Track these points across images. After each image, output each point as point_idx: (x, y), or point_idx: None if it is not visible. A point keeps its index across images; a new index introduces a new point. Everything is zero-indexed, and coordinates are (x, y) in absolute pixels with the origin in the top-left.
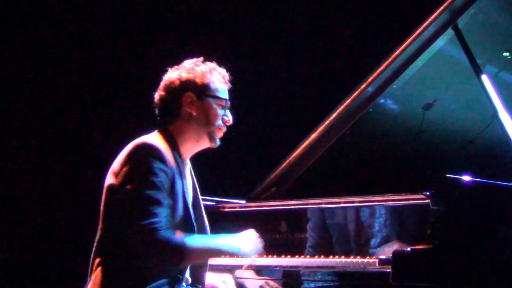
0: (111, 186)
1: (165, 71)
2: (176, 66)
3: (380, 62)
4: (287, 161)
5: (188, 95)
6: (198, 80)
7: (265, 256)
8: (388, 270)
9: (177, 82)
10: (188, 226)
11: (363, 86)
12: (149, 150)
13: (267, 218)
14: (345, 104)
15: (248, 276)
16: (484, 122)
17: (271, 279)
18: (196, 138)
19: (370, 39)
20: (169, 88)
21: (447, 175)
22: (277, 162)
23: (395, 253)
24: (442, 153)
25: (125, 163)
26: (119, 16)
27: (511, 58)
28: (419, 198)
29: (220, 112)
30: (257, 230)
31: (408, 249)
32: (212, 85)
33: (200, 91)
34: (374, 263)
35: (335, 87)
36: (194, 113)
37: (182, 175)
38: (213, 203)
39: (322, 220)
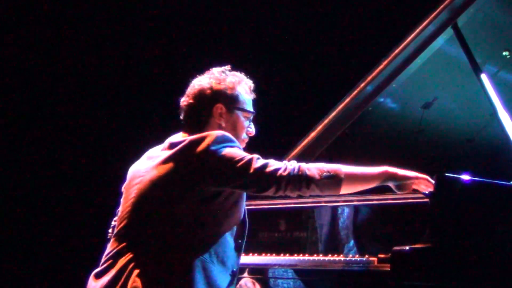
0: (170, 174)
1: (193, 77)
2: (206, 73)
3: (379, 61)
4: (286, 159)
5: (219, 106)
6: (228, 92)
7: (263, 254)
8: (387, 269)
9: (209, 91)
10: (244, 220)
11: (362, 85)
12: (223, 139)
13: (265, 217)
14: (344, 103)
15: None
16: (483, 121)
17: (269, 278)
18: None
19: (370, 38)
20: (200, 97)
21: (446, 174)
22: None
23: (394, 252)
24: (441, 152)
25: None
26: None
27: (511, 57)
28: (418, 197)
29: (246, 124)
30: (256, 229)
31: (407, 248)
32: (241, 97)
33: (230, 103)
34: (373, 261)
35: (334, 86)
36: (223, 125)
37: None
38: None
39: (321, 219)
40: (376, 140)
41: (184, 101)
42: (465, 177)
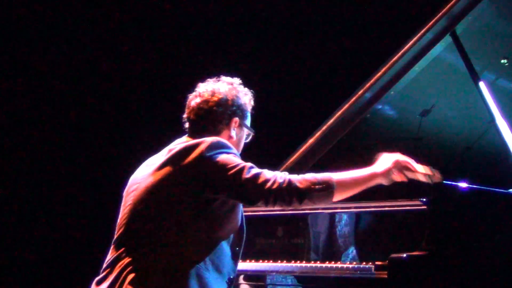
0: (167, 178)
1: (196, 82)
2: (221, 81)
3: (378, 68)
4: (284, 166)
5: (236, 120)
6: (244, 108)
7: (261, 261)
8: (384, 276)
9: (230, 103)
10: (241, 227)
11: (360, 92)
12: (219, 145)
13: (262, 223)
14: (342, 110)
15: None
16: (481, 128)
17: (267, 285)
18: None
19: (368, 45)
20: (223, 105)
21: (444, 181)
22: (274, 168)
23: (391, 259)
24: (439, 159)
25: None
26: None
27: (509, 64)
28: (415, 205)
29: (245, 141)
30: (253, 236)
31: (404, 255)
32: (248, 115)
33: (243, 118)
34: (370, 268)
35: (332, 93)
36: (234, 138)
37: None
38: None
39: (319, 226)
40: (374, 147)
41: (201, 103)
42: (463, 184)
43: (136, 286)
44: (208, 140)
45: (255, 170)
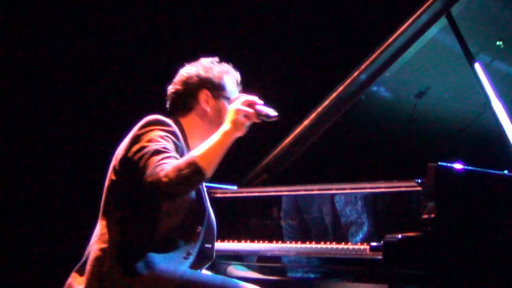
0: (119, 163)
1: (181, 66)
2: (193, 63)
3: (373, 49)
4: (279, 147)
5: (205, 92)
6: (215, 80)
7: (256, 241)
8: (379, 257)
9: (195, 78)
10: (200, 208)
11: (356, 73)
12: (153, 122)
13: (258, 204)
14: (337, 91)
15: (237, 274)
16: (476, 110)
17: (261, 264)
18: (206, 134)
19: (364, 27)
20: (187, 83)
21: (439, 163)
22: (269, 149)
23: (386, 240)
24: (434, 141)
25: (134, 134)
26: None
27: (505, 47)
28: (410, 186)
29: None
30: (249, 216)
31: (399, 236)
32: (227, 87)
33: (216, 91)
34: (365, 249)
35: (328, 74)
36: (209, 111)
37: None
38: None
39: (314, 207)
40: (369, 129)
41: (171, 88)
42: (458, 166)
43: (94, 263)
44: (148, 117)
45: (158, 157)
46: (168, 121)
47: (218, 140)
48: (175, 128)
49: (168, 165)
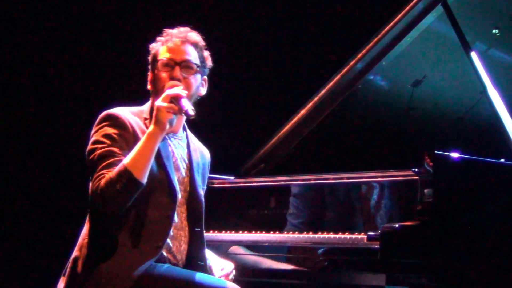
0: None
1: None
2: None
3: (369, 38)
4: (276, 137)
5: (149, 73)
6: (152, 55)
7: (253, 232)
8: (376, 247)
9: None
10: (168, 187)
11: (352, 62)
12: (103, 119)
13: (255, 194)
14: (334, 81)
15: (238, 252)
16: (473, 99)
17: (259, 255)
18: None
19: (359, 15)
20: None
21: (436, 151)
22: (266, 138)
23: (384, 230)
24: (431, 130)
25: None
26: None
27: (500, 35)
28: (407, 175)
29: (163, 74)
30: (246, 207)
31: (397, 225)
32: (159, 54)
33: (153, 64)
34: (362, 239)
35: (324, 63)
36: (151, 88)
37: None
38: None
39: (311, 196)
40: (366, 118)
41: None
42: (455, 154)
43: (71, 264)
44: (101, 114)
45: (100, 166)
46: (119, 112)
47: (145, 144)
48: (125, 119)
49: (104, 179)
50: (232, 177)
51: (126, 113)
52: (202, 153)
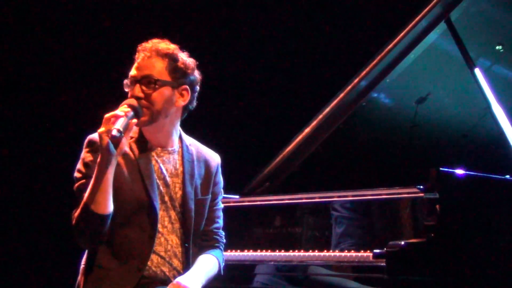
0: None
1: None
2: None
3: (373, 56)
4: (281, 155)
5: None
6: None
7: (259, 250)
8: (382, 264)
9: None
10: (149, 207)
11: (356, 80)
12: (86, 145)
13: (260, 213)
14: (338, 99)
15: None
16: (477, 115)
17: (265, 274)
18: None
19: (363, 33)
20: None
21: (440, 168)
22: (271, 157)
23: (389, 247)
24: (435, 147)
25: None
26: None
27: (504, 51)
28: (412, 192)
29: (130, 93)
30: (251, 225)
31: (402, 243)
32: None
33: None
34: (368, 257)
35: (328, 82)
36: None
37: (140, 162)
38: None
39: (316, 215)
40: (371, 135)
41: None
42: (460, 171)
43: (77, 280)
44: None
45: (79, 194)
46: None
47: (97, 175)
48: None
49: (73, 217)
50: (237, 196)
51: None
52: (206, 161)
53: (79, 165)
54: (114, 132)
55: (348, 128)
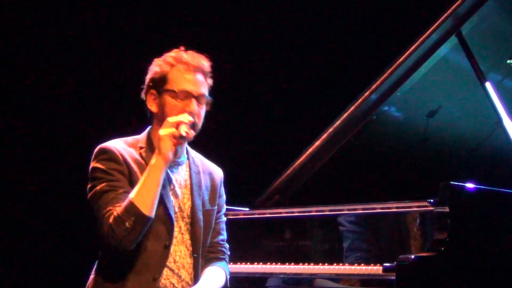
0: None
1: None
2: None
3: (383, 69)
4: (291, 168)
5: (151, 92)
6: (157, 76)
7: (269, 263)
8: (392, 278)
9: (146, 81)
10: (165, 217)
11: (366, 93)
12: (97, 154)
13: (270, 225)
14: (349, 112)
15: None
16: (488, 129)
17: (274, 286)
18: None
19: (374, 46)
20: (142, 90)
21: (451, 182)
22: (281, 170)
23: (399, 261)
24: (446, 161)
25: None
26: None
27: None
28: (423, 206)
29: (178, 104)
30: (261, 238)
31: (412, 256)
32: (171, 78)
33: (159, 86)
34: (378, 270)
35: (339, 95)
36: (154, 110)
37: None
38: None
39: (325, 228)
40: (381, 148)
41: None
42: (470, 185)
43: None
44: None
45: (105, 202)
46: (111, 145)
47: (150, 177)
48: (117, 151)
49: (112, 217)
50: (247, 209)
51: (118, 145)
52: (211, 173)
53: (94, 174)
54: (184, 133)
55: (359, 141)
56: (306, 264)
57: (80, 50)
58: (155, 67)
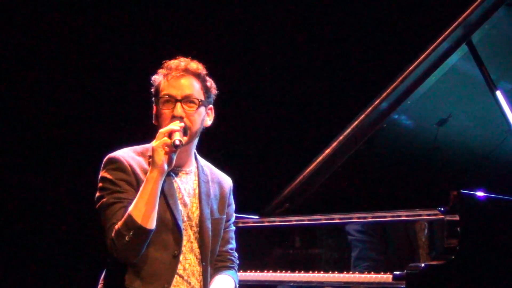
0: None
1: None
2: None
3: (394, 77)
4: (301, 176)
5: (154, 107)
6: (153, 88)
7: (278, 271)
8: (402, 286)
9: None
10: (173, 227)
11: (377, 101)
12: (105, 163)
13: (280, 233)
14: (359, 120)
15: None
16: (499, 138)
17: None
18: None
19: (384, 55)
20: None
21: (461, 191)
22: (291, 178)
23: (409, 269)
24: (456, 169)
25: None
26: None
27: None
28: (433, 214)
29: (166, 110)
30: (270, 246)
31: (422, 265)
32: (160, 88)
33: (155, 97)
34: (388, 278)
35: (349, 103)
36: (154, 123)
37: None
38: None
39: (335, 236)
40: (391, 157)
41: None
42: (481, 193)
43: None
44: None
45: (109, 215)
46: (119, 155)
47: (147, 189)
48: (125, 161)
49: (114, 231)
50: (256, 217)
51: (127, 155)
52: (219, 182)
53: (102, 184)
54: (177, 142)
55: (369, 150)
56: (316, 272)
57: (92, 55)
58: (153, 82)
